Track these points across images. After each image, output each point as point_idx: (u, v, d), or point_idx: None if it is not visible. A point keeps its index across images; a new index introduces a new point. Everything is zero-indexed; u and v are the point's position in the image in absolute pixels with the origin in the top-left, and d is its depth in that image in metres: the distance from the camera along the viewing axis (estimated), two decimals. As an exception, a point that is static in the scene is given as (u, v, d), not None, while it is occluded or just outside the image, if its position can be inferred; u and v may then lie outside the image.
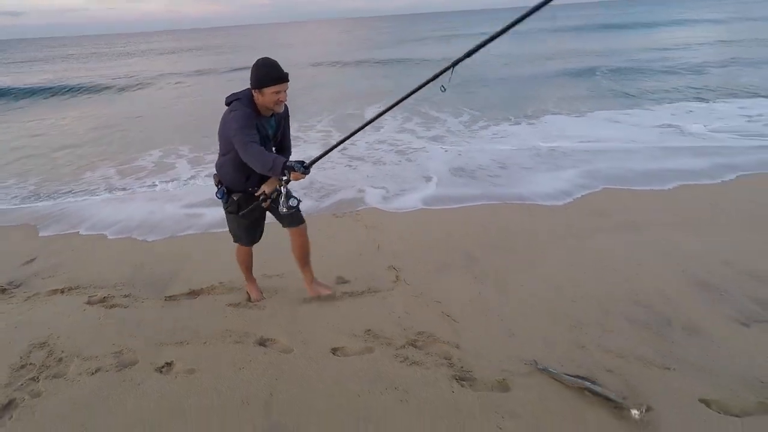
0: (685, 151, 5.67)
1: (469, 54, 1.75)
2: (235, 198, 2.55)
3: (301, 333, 2.60)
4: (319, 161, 2.27)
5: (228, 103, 2.36)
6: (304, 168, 2.10)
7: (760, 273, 2.87)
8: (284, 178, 2.15)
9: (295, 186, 2.98)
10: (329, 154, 2.31)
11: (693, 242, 3.35)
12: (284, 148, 2.61)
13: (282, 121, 2.48)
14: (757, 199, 4.08)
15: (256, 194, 2.48)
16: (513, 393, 2.01)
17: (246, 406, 2.02)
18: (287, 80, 2.22)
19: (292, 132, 2.68)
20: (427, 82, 1.89)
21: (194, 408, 2.03)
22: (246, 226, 2.69)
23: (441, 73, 1.84)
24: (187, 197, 5.27)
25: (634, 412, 1.80)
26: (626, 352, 2.23)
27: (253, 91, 2.25)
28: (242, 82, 2.39)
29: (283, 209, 2.31)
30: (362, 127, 2.23)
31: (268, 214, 2.74)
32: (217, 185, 2.58)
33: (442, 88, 1.78)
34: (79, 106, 13.40)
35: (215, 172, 2.59)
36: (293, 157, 2.38)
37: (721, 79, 10.69)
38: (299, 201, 2.39)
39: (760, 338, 2.26)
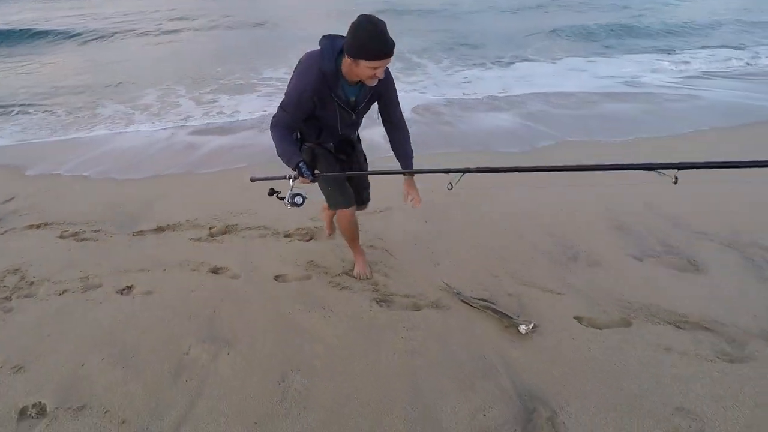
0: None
1: (480, 170, 1.73)
2: (307, 145, 2.31)
3: (252, 263, 2.88)
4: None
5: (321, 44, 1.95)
6: (312, 175, 2.02)
7: (676, 217, 3.14)
8: (294, 174, 2.05)
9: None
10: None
11: (622, 187, 3.62)
12: (392, 124, 2.21)
13: (373, 90, 2.05)
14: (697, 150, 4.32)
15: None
16: (422, 312, 2.33)
17: (192, 320, 2.34)
18: (391, 55, 1.78)
19: None
20: (436, 171, 1.87)
21: (146, 321, 2.34)
22: (334, 179, 2.38)
23: (450, 171, 1.81)
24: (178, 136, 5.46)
25: (522, 327, 2.12)
26: (530, 281, 2.54)
27: (345, 53, 1.82)
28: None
29: (287, 204, 2.17)
30: (371, 173, 2.32)
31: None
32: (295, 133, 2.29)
33: (449, 186, 1.78)
34: (65, 53, 13.02)
35: None
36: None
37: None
38: (304, 199, 2.20)
39: (646, 270, 2.57)
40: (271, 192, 2.23)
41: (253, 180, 2.52)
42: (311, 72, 1.92)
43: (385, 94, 2.12)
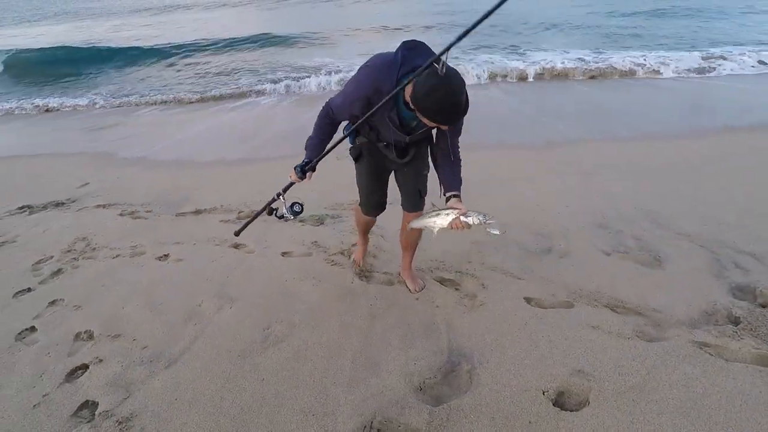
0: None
1: (460, 37, 1.58)
2: (358, 143, 2.15)
3: (266, 241, 3.40)
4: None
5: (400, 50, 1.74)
6: (301, 171, 1.97)
7: (662, 216, 3.28)
8: (281, 194, 2.10)
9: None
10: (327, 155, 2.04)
11: (622, 186, 3.76)
12: (444, 151, 1.99)
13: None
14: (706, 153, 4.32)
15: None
16: (394, 287, 2.70)
17: (209, 282, 2.87)
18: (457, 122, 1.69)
19: None
20: (426, 67, 1.63)
21: (175, 281, 2.92)
22: (368, 182, 2.31)
23: (438, 56, 1.62)
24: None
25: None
26: (497, 266, 2.83)
27: (411, 100, 1.65)
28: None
29: (288, 217, 2.23)
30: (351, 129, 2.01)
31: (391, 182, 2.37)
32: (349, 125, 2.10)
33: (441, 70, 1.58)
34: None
35: None
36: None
37: None
38: (302, 205, 2.23)
39: (610, 264, 2.77)
40: (270, 212, 2.27)
41: (236, 234, 2.56)
42: (367, 84, 1.77)
43: (453, 126, 1.86)
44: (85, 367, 2.19)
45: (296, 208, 2.22)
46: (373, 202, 2.42)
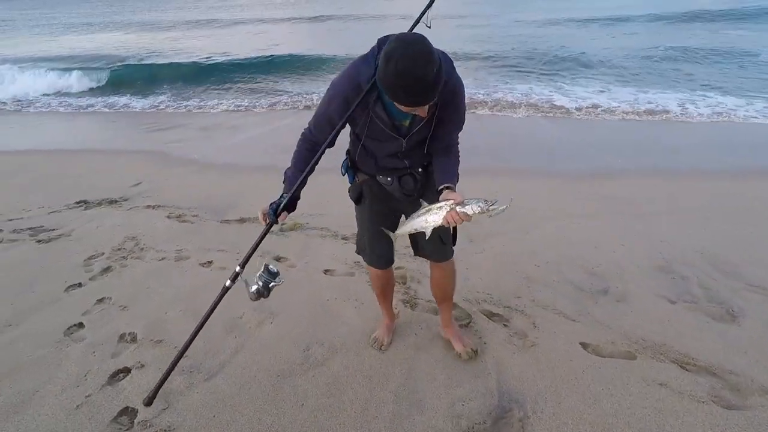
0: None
1: None
2: (358, 180, 1.87)
3: (308, 257, 3.37)
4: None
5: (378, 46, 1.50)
6: (273, 213, 1.72)
7: (726, 265, 3.03)
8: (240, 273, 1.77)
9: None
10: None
11: (686, 230, 3.51)
12: (440, 146, 1.73)
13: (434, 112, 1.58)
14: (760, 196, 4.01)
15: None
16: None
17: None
18: (428, 104, 1.41)
19: None
20: (414, 25, 1.73)
21: (217, 288, 2.88)
22: (370, 226, 1.96)
23: (421, 15, 1.72)
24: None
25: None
26: (549, 304, 2.67)
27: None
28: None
29: (253, 288, 1.78)
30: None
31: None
32: (347, 155, 1.87)
33: (428, 26, 1.69)
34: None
35: None
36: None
37: None
38: (269, 288, 1.79)
39: (675, 313, 2.55)
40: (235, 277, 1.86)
41: (147, 404, 1.96)
42: (344, 82, 1.55)
43: (450, 118, 1.62)
44: (127, 370, 2.19)
45: (264, 292, 1.75)
46: (378, 252, 2.04)
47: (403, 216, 1.89)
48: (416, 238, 1.94)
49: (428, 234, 1.63)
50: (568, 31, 16.00)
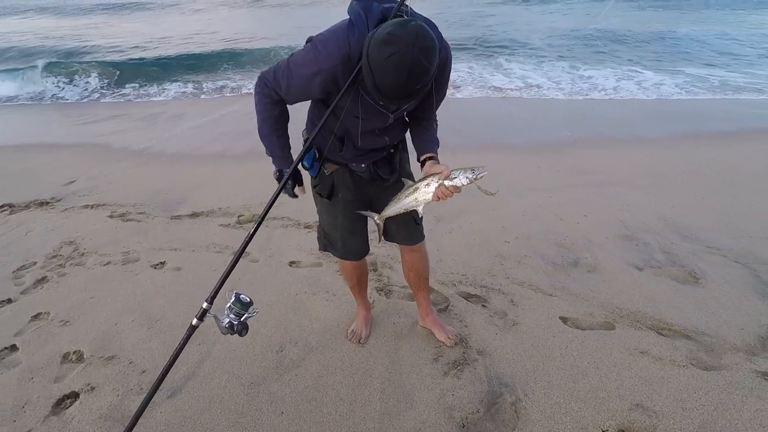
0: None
1: None
2: (327, 171, 1.70)
3: (270, 249, 3.15)
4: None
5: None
6: (295, 195, 1.62)
7: (687, 230, 3.13)
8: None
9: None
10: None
11: (644, 198, 3.61)
12: (420, 117, 1.63)
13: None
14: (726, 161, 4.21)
15: None
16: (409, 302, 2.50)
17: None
18: (413, 99, 1.30)
19: None
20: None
21: (173, 292, 2.66)
22: (343, 221, 1.79)
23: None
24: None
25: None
26: (525, 281, 2.64)
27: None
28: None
29: (225, 322, 1.47)
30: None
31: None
32: (305, 142, 1.58)
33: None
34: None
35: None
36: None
37: None
38: (243, 323, 1.49)
39: (644, 279, 2.60)
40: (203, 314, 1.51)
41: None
42: (334, 53, 1.32)
43: (438, 90, 1.51)
44: (74, 395, 1.93)
45: (238, 328, 1.47)
46: (353, 246, 1.88)
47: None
48: (386, 224, 1.80)
49: (421, 212, 1.58)
50: (503, 10, 16.22)
